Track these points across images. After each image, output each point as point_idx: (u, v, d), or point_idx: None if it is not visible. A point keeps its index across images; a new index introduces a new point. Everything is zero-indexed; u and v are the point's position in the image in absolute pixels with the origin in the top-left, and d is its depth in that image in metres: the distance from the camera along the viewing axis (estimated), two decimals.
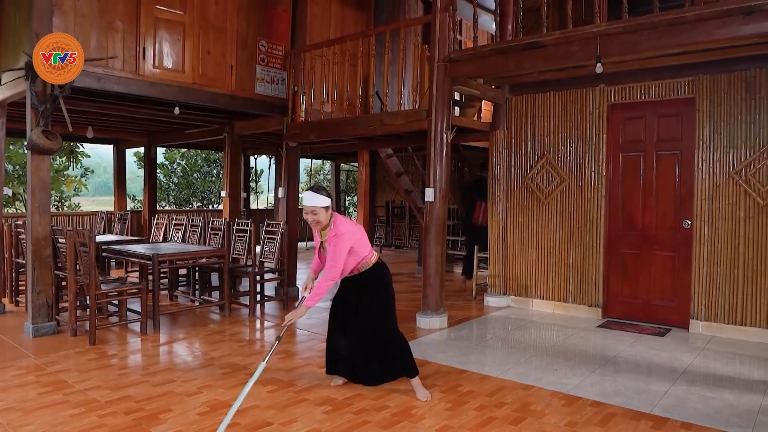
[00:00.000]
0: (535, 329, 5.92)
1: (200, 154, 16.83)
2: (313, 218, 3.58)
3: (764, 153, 5.28)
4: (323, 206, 3.59)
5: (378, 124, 6.62)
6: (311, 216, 3.58)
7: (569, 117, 6.47)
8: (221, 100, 6.94)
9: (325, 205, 3.60)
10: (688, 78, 5.69)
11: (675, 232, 5.88)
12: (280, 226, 6.81)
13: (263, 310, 6.71)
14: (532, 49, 5.23)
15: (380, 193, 13.64)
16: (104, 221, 9.68)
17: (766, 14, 4.09)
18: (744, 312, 5.41)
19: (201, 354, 4.91)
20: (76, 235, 5.19)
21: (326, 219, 3.63)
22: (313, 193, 3.57)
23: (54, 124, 5.53)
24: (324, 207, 3.59)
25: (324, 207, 3.59)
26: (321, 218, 3.61)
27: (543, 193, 6.66)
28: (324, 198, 3.59)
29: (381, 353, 3.85)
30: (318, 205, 3.58)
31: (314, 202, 3.57)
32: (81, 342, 5.16)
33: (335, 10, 8.27)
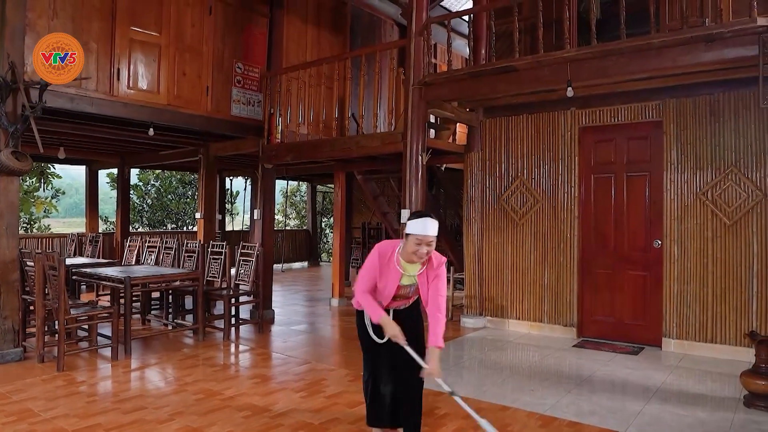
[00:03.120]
0: (511, 350, 5.94)
1: (175, 176, 16.66)
2: (429, 251, 2.93)
3: (729, 174, 5.44)
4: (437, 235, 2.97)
5: (354, 146, 6.65)
6: (426, 248, 2.90)
7: (542, 139, 6.60)
8: (197, 122, 6.91)
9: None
10: (655, 102, 5.86)
11: (646, 251, 5.99)
12: (256, 248, 6.75)
13: (238, 334, 6.61)
14: (505, 73, 5.34)
15: (357, 215, 13.62)
16: (75, 243, 9.49)
17: (727, 42, 4.26)
18: (714, 330, 5.51)
19: (174, 379, 4.81)
20: (45, 258, 5.08)
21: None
22: (431, 220, 2.92)
23: (24, 145, 5.43)
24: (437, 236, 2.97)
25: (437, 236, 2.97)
26: (432, 250, 2.98)
27: (517, 215, 6.74)
28: (437, 225, 2.96)
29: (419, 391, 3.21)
30: (435, 234, 2.94)
31: (433, 230, 2.91)
32: (48, 368, 5.01)
33: (311, 33, 8.34)
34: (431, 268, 3.03)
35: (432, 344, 2.93)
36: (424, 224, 2.88)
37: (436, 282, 3.01)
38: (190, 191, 16.84)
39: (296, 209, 18.71)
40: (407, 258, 2.98)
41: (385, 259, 3.04)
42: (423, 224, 2.88)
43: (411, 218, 2.96)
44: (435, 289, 3.00)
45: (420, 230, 2.88)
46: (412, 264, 3.01)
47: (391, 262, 3.02)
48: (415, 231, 2.89)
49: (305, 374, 4.96)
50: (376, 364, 3.24)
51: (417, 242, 2.88)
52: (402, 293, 3.10)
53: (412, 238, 2.90)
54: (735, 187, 5.42)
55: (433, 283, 3.01)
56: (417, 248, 2.89)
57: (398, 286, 3.05)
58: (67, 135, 7.84)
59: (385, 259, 3.04)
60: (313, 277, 12.92)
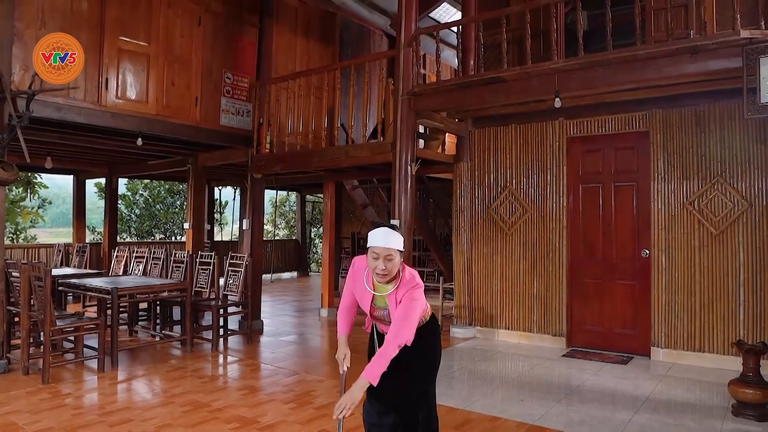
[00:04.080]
0: (500, 360, 5.94)
1: (163, 185, 16.57)
2: (386, 266, 2.54)
3: (715, 184, 5.50)
4: (399, 249, 2.58)
5: (343, 156, 6.66)
6: (384, 263, 2.53)
7: (530, 149, 6.64)
8: (185, 132, 6.89)
9: (401, 245, 2.60)
10: (642, 112, 5.93)
11: (634, 261, 6.03)
12: (245, 258, 6.72)
13: (226, 345, 6.56)
14: (493, 83, 5.38)
15: (346, 224, 13.61)
16: (62, 254, 9.39)
17: (711, 54, 4.32)
18: (702, 339, 5.55)
19: (161, 391, 4.75)
20: (31, 269, 5.02)
21: (396, 269, 2.60)
22: (388, 230, 2.57)
23: (11, 155, 5.39)
24: (400, 250, 2.59)
25: (400, 250, 2.59)
26: (395, 263, 2.58)
27: (506, 224, 6.76)
28: (400, 238, 2.59)
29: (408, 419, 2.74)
30: (395, 248, 2.56)
31: (390, 242, 2.54)
32: (33, 381, 4.94)
33: (301, 43, 8.36)
34: (401, 289, 2.59)
35: (364, 373, 2.49)
36: (379, 235, 2.55)
37: (402, 306, 2.56)
38: (178, 201, 16.76)
39: (285, 219, 18.66)
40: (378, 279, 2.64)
41: (358, 274, 2.76)
42: (378, 235, 2.55)
43: (371, 229, 2.64)
44: (398, 314, 2.55)
45: (375, 242, 2.55)
46: (383, 284, 2.64)
47: (361, 279, 2.72)
48: (371, 243, 2.58)
49: (294, 385, 4.92)
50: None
51: (374, 256, 2.55)
52: (378, 316, 2.72)
53: (370, 252, 2.58)
54: (721, 196, 5.48)
55: (399, 308, 2.56)
56: (375, 264, 2.54)
57: (372, 306, 2.71)
58: (55, 145, 7.78)
59: (358, 274, 2.76)
60: (302, 287, 12.87)
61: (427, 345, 2.78)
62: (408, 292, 2.58)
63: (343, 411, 2.42)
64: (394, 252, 2.56)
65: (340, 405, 2.43)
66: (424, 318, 2.75)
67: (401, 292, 2.59)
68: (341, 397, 2.49)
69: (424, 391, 2.81)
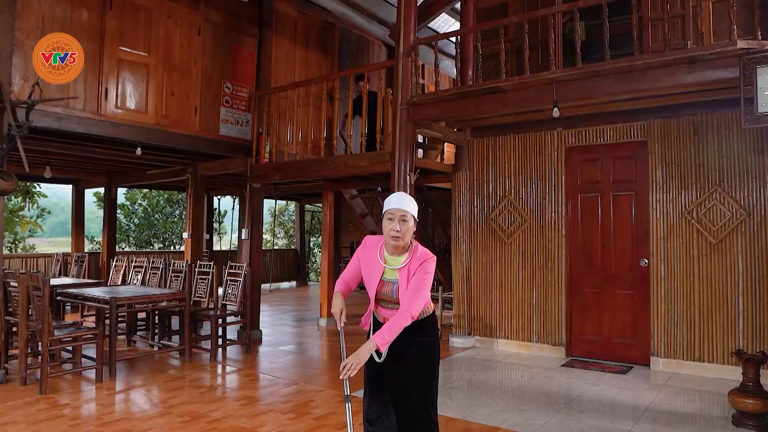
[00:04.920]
0: (500, 369, 5.92)
1: (162, 195, 16.59)
2: (400, 228, 2.61)
3: (713, 193, 5.52)
4: (414, 214, 2.68)
5: (342, 166, 6.67)
6: (399, 224, 2.61)
7: (529, 159, 6.65)
8: (185, 141, 6.91)
9: (415, 213, 2.70)
10: (640, 122, 5.95)
11: (633, 270, 6.02)
12: (243, 267, 6.71)
13: (225, 355, 6.53)
14: (491, 93, 5.40)
15: (345, 234, 13.62)
16: (60, 263, 9.37)
17: (708, 64, 4.34)
18: (701, 348, 5.54)
19: (159, 402, 4.73)
20: (29, 278, 5.01)
21: (410, 236, 2.69)
22: (403, 194, 2.72)
23: (10, 164, 5.40)
24: (414, 215, 2.69)
25: (414, 215, 2.69)
26: (410, 228, 2.65)
27: (505, 234, 6.77)
28: (415, 204, 2.71)
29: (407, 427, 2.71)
30: (410, 210, 2.66)
31: (406, 204, 2.66)
32: (31, 391, 4.91)
33: (300, 53, 8.40)
34: (415, 261, 2.65)
35: (374, 336, 2.55)
36: (394, 197, 2.69)
37: (415, 278, 2.62)
38: (177, 210, 16.77)
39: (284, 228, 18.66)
40: (390, 250, 2.70)
41: (370, 250, 2.79)
42: (394, 197, 2.69)
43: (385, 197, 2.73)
44: (412, 285, 2.60)
45: (390, 204, 2.66)
46: (395, 257, 2.71)
47: (374, 253, 2.76)
48: (386, 206, 2.67)
49: (293, 395, 4.90)
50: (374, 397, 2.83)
51: (389, 217, 2.63)
52: (385, 292, 2.73)
53: (385, 215, 2.65)
54: (719, 206, 5.49)
55: (413, 280, 2.62)
56: (389, 226, 2.61)
57: (381, 281, 2.73)
58: (54, 154, 7.80)
59: (370, 250, 2.79)
60: (301, 296, 12.84)
61: (433, 333, 2.80)
62: (422, 265, 2.63)
63: (349, 371, 2.46)
64: (409, 215, 2.63)
65: (345, 365, 2.47)
66: (428, 309, 2.75)
67: (415, 264, 2.64)
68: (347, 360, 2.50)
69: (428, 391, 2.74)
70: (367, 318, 2.88)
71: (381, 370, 2.74)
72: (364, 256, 2.81)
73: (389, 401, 2.77)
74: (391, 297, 2.72)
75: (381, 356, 2.61)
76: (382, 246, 2.77)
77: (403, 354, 2.69)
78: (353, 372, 2.46)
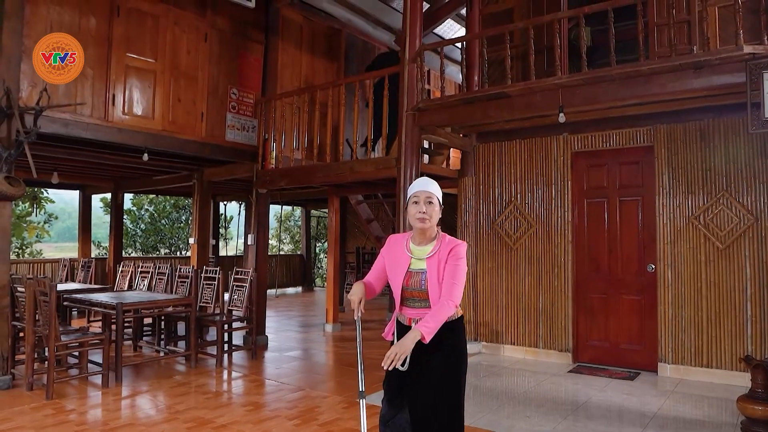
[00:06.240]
0: (506, 376, 5.89)
1: (169, 200, 16.65)
2: (426, 210, 2.59)
3: (720, 198, 5.49)
4: (439, 196, 2.67)
5: (348, 172, 6.68)
6: (425, 206, 2.60)
7: (535, 164, 6.64)
8: (191, 147, 6.94)
9: (440, 195, 2.69)
10: (646, 127, 5.93)
11: (640, 276, 5.99)
12: (249, 273, 6.72)
13: (231, 360, 6.54)
14: (497, 99, 5.40)
15: (351, 239, 13.62)
16: (67, 269, 9.41)
17: (714, 69, 4.33)
18: (709, 354, 5.50)
19: (165, 407, 4.73)
20: (36, 284, 5.03)
21: (437, 219, 2.66)
22: (427, 178, 2.72)
23: (17, 170, 5.43)
24: (439, 198, 2.67)
25: (439, 198, 2.67)
26: (436, 211, 2.64)
27: (511, 239, 6.75)
28: (439, 187, 2.70)
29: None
30: (435, 192, 2.65)
31: (430, 186, 2.65)
32: (37, 396, 4.93)
33: (306, 59, 8.44)
34: (444, 248, 2.60)
35: (417, 325, 2.47)
36: (418, 181, 2.69)
37: (449, 265, 2.56)
38: (183, 216, 16.82)
39: (290, 234, 18.68)
40: (417, 239, 2.68)
41: (395, 245, 2.76)
42: (418, 182, 2.69)
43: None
44: (447, 273, 2.55)
45: (415, 188, 2.66)
46: (422, 246, 2.67)
47: (400, 246, 2.73)
48: (411, 191, 2.67)
49: (299, 401, 4.90)
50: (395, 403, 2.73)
51: (414, 200, 2.62)
52: (413, 283, 2.64)
53: (411, 199, 2.64)
54: (726, 211, 5.46)
55: (447, 267, 2.56)
56: (415, 209, 2.60)
57: (408, 273, 2.66)
58: (61, 160, 7.85)
59: (395, 245, 2.76)
60: (307, 302, 12.85)
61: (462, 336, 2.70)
62: (453, 250, 2.59)
63: (395, 361, 2.36)
64: (435, 197, 2.62)
65: (389, 355, 2.38)
66: (457, 312, 2.65)
67: (444, 252, 2.59)
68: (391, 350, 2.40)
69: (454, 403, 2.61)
70: (390, 327, 2.80)
71: (403, 376, 2.61)
72: (389, 252, 2.77)
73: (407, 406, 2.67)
74: (419, 290, 2.64)
75: (405, 363, 2.47)
76: (408, 239, 2.74)
77: (427, 360, 2.57)
78: (398, 361, 2.37)
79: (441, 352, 2.59)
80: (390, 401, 2.72)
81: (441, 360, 2.59)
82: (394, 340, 2.71)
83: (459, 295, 2.55)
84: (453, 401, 2.60)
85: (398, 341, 2.43)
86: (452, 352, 2.64)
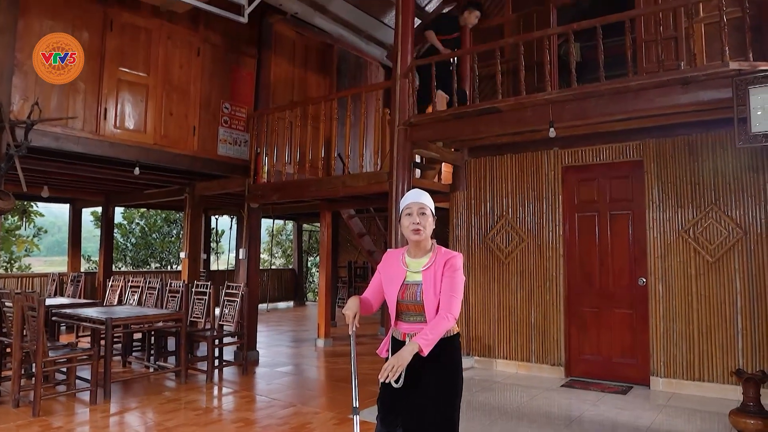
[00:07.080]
0: (499, 390, 5.87)
1: (160, 214, 16.58)
2: (420, 221, 2.60)
3: (710, 212, 5.54)
4: (432, 208, 2.69)
5: (340, 186, 6.68)
6: (418, 217, 2.61)
7: (526, 179, 6.68)
8: (183, 161, 6.92)
9: (433, 207, 2.71)
10: (635, 142, 5.99)
11: (631, 289, 6.01)
12: (241, 287, 6.68)
13: (221, 376, 6.47)
14: (488, 114, 5.44)
15: (343, 254, 13.60)
16: (56, 283, 9.32)
17: (702, 85, 4.39)
18: (701, 368, 5.51)
19: (154, 424, 4.67)
20: (24, 299, 4.98)
21: (431, 230, 2.67)
22: (419, 189, 2.74)
23: (7, 183, 5.39)
24: (432, 210, 2.69)
25: (432, 210, 2.69)
26: (429, 222, 2.65)
27: (503, 253, 6.76)
28: (431, 199, 2.72)
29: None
30: (428, 204, 2.67)
31: (423, 198, 2.68)
32: (24, 413, 4.85)
33: (298, 74, 8.47)
34: (440, 260, 2.60)
35: (415, 338, 2.45)
36: (410, 194, 2.70)
37: (446, 278, 2.55)
38: (174, 230, 16.75)
39: (282, 248, 18.63)
40: (412, 252, 2.69)
41: (390, 260, 2.76)
42: (410, 194, 2.70)
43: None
44: (445, 286, 2.54)
45: (407, 200, 2.68)
46: (417, 259, 2.66)
47: (395, 260, 2.73)
48: (404, 203, 2.69)
49: (290, 418, 4.85)
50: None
51: (408, 212, 2.63)
52: (408, 296, 2.62)
53: (404, 211, 2.65)
54: (716, 224, 5.50)
55: (444, 280, 2.55)
56: (409, 221, 2.60)
57: (403, 285, 2.64)
58: (52, 174, 7.80)
59: (390, 260, 2.76)
60: (298, 317, 12.77)
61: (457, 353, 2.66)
62: (449, 262, 2.58)
63: (393, 373, 2.36)
64: (428, 208, 2.64)
65: (386, 367, 2.38)
66: (454, 327, 2.62)
67: (440, 264, 2.59)
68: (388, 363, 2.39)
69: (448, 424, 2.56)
70: (385, 344, 2.79)
71: (396, 393, 2.57)
72: (385, 267, 2.76)
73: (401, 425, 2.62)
74: (414, 302, 2.62)
75: (399, 380, 2.47)
76: (403, 253, 2.74)
77: (422, 378, 2.55)
78: (395, 374, 2.37)
79: (436, 371, 2.56)
80: (383, 420, 2.67)
81: (436, 379, 2.55)
82: (388, 357, 2.68)
83: (458, 308, 2.54)
84: (447, 423, 2.55)
85: (396, 354, 2.42)
86: (447, 370, 2.60)
